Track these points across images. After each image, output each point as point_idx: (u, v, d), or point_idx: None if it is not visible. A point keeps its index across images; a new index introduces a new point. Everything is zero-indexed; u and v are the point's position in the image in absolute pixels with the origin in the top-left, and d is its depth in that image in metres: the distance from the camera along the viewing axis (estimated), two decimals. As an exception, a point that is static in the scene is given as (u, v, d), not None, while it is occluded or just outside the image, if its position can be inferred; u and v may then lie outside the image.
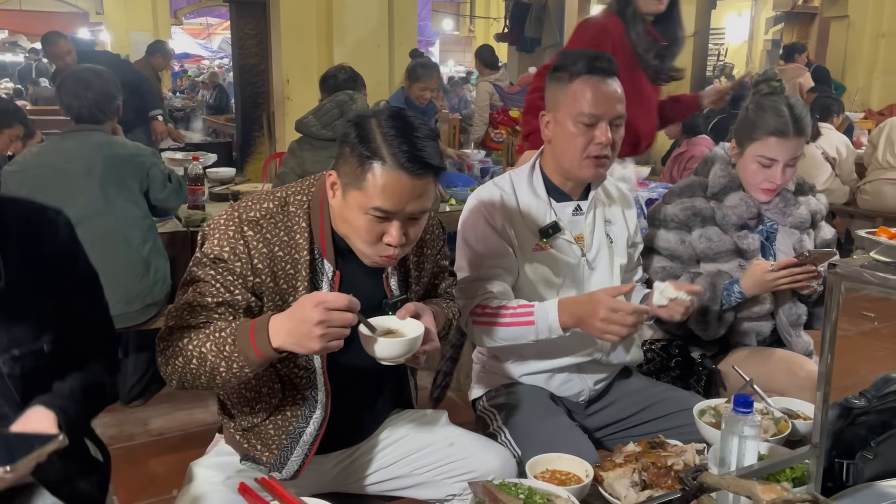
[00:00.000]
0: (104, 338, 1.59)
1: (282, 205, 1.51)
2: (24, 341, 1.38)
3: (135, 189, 3.11)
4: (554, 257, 1.91)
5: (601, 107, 1.83)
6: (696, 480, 1.20)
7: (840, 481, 1.43)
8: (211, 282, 1.45)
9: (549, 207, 1.92)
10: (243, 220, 1.47)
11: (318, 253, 1.52)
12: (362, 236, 1.45)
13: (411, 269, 1.66)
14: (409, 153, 1.38)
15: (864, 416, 1.47)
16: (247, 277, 1.46)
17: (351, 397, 1.62)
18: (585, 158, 1.85)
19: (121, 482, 2.75)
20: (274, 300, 1.50)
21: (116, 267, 2.96)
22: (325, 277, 1.52)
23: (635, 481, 1.45)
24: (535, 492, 1.38)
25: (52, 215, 1.47)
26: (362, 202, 1.41)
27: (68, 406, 1.36)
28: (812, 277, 2.01)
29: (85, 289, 1.52)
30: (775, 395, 1.85)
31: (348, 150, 1.42)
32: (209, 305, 1.44)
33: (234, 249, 1.45)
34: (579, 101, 1.83)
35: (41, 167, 3.00)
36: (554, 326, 1.76)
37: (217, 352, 1.37)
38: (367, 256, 1.49)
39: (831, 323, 1.27)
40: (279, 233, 1.48)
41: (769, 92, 2.14)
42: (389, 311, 1.54)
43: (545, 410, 1.87)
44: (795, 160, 2.10)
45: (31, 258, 1.41)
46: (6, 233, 1.38)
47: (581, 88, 1.84)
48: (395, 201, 1.40)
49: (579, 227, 1.95)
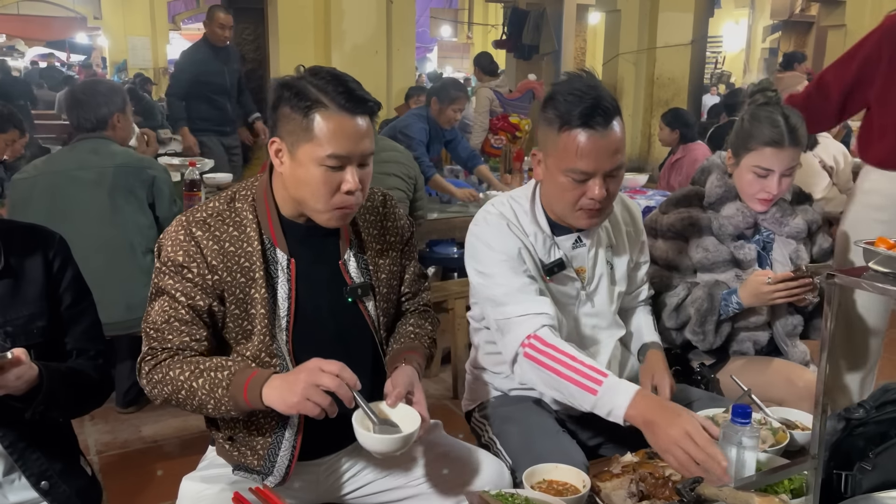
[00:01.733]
0: (94, 348, 1.67)
1: (228, 202, 1.55)
2: (17, 321, 1.53)
3: (142, 198, 3.15)
4: (555, 290, 1.83)
5: (595, 163, 1.65)
6: (694, 492, 1.19)
7: (838, 493, 1.42)
8: (173, 293, 1.48)
9: (553, 243, 1.81)
10: (191, 223, 1.50)
11: (270, 242, 1.54)
12: (319, 190, 1.46)
13: (367, 255, 1.65)
14: (346, 94, 1.43)
15: (863, 426, 1.45)
16: (205, 277, 1.48)
17: None
18: (578, 210, 1.73)
19: (115, 489, 2.74)
20: (236, 295, 1.51)
21: (121, 274, 3.01)
22: (279, 267, 1.54)
23: (632, 492, 1.44)
24: (532, 502, 1.38)
25: (49, 233, 1.64)
26: (315, 153, 1.44)
27: (52, 367, 1.48)
28: (808, 290, 2.01)
29: (75, 303, 1.64)
30: (773, 404, 1.85)
31: (287, 110, 1.45)
32: (181, 317, 1.47)
33: (186, 252, 1.48)
34: (570, 156, 1.66)
35: (52, 174, 3.05)
36: (617, 412, 1.53)
37: (208, 391, 1.41)
38: (324, 213, 1.50)
39: (829, 333, 1.27)
40: (228, 228, 1.51)
41: (764, 102, 2.13)
42: (350, 298, 1.58)
43: (532, 418, 1.84)
44: (791, 170, 2.10)
45: (29, 261, 1.58)
46: (9, 237, 1.57)
47: (573, 142, 1.65)
48: (346, 145, 1.44)
49: (580, 259, 1.85)
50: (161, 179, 3.21)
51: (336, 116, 1.43)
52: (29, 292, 1.57)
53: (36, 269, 1.58)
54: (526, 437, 1.77)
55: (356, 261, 1.63)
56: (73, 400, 1.58)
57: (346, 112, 1.44)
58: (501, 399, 1.95)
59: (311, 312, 1.56)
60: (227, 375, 1.41)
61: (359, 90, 1.46)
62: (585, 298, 1.87)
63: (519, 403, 1.90)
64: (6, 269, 1.55)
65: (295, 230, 1.56)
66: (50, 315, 1.59)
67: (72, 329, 1.64)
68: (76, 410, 1.66)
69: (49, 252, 1.61)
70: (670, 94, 8.21)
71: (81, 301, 1.66)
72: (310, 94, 1.44)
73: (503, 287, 1.73)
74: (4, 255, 1.55)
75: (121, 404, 3.42)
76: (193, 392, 1.42)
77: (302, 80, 1.47)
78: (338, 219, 1.52)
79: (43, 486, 1.54)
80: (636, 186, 4.68)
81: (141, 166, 3.17)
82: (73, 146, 3.15)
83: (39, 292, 1.58)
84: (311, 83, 1.45)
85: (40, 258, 1.59)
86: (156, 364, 1.46)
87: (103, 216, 3.04)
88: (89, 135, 3.12)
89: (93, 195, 3.04)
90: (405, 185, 3.57)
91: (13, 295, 1.55)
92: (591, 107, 1.63)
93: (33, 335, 1.55)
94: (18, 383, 1.38)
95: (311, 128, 1.43)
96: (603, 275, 1.88)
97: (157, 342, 1.47)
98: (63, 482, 1.57)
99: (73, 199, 3.01)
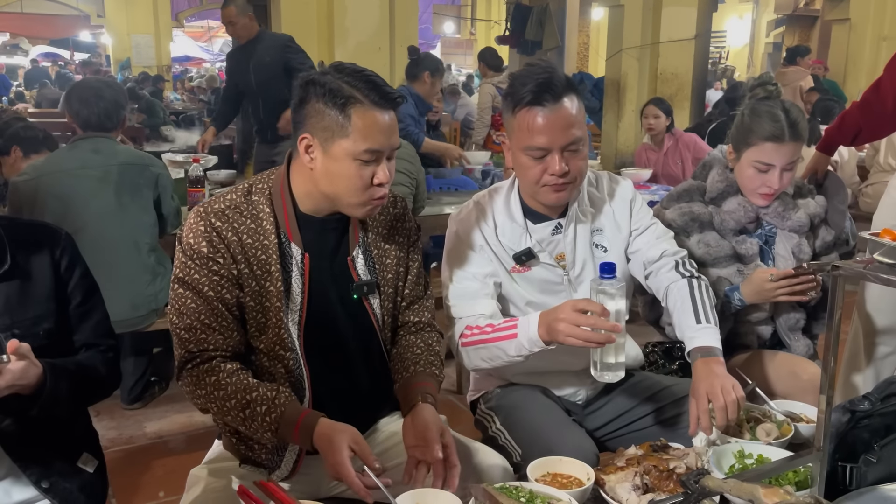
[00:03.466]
0: (104, 343, 1.66)
1: (245, 194, 1.56)
2: (24, 323, 1.51)
3: (148, 196, 3.16)
4: (533, 278, 1.85)
5: (548, 138, 1.69)
6: (699, 484, 1.19)
7: (843, 485, 1.42)
8: (201, 287, 1.49)
9: (524, 231, 1.84)
10: (209, 213, 1.51)
11: (285, 236, 1.55)
12: (355, 184, 1.49)
13: (374, 253, 1.66)
14: (377, 91, 1.47)
15: (868, 419, 1.45)
16: (230, 268, 1.50)
17: (334, 388, 1.61)
18: (542, 187, 1.76)
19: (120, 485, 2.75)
20: (252, 287, 1.51)
21: (126, 272, 3.03)
22: (294, 261, 1.55)
23: (637, 485, 1.44)
24: (537, 495, 1.38)
25: (54, 229, 1.63)
26: (351, 149, 1.46)
27: (57, 365, 1.46)
28: (810, 287, 2.00)
29: (85, 300, 1.63)
30: (778, 398, 1.84)
31: (321, 106, 1.46)
32: (214, 315, 1.49)
33: (210, 242, 1.49)
34: (525, 134, 1.71)
35: (55, 174, 3.04)
36: (534, 338, 1.63)
37: (255, 429, 1.45)
38: (359, 207, 1.53)
39: (834, 325, 1.27)
40: (245, 220, 1.52)
41: (765, 96, 2.12)
42: (356, 294, 1.60)
43: (542, 408, 1.85)
44: (793, 164, 2.09)
45: (36, 260, 1.56)
46: (15, 234, 1.55)
47: (525, 120, 1.71)
48: (380, 139, 1.48)
49: (559, 246, 1.86)
50: (164, 176, 3.23)
51: (370, 112, 1.46)
52: (36, 293, 1.55)
53: (43, 268, 1.56)
54: (536, 429, 1.77)
55: (364, 258, 1.64)
56: (78, 397, 1.57)
57: (379, 108, 1.47)
58: (507, 389, 1.95)
59: (322, 307, 1.57)
60: (275, 419, 1.43)
61: (385, 85, 1.49)
62: (573, 284, 1.86)
63: (525, 394, 1.90)
64: (12, 269, 1.52)
65: (309, 225, 1.57)
66: (57, 316, 1.57)
67: (82, 326, 1.62)
68: (81, 406, 1.66)
69: (56, 250, 1.59)
70: (674, 89, 8.17)
71: (90, 298, 1.65)
72: (343, 90, 1.45)
73: (454, 289, 1.82)
74: (11, 253, 1.53)
75: (126, 401, 3.43)
76: (234, 416, 1.46)
77: (328, 75, 1.48)
78: (371, 210, 1.56)
79: (44, 485, 1.53)
80: (640, 181, 4.66)
81: (144, 164, 3.18)
82: (74, 145, 3.13)
83: (47, 293, 1.56)
84: (341, 80, 1.47)
85: (47, 257, 1.57)
86: (198, 375, 1.48)
87: (109, 215, 3.04)
88: (93, 133, 3.11)
89: (98, 194, 3.03)
90: (408, 181, 3.59)
91: (20, 296, 1.53)
92: (540, 84, 1.69)
93: (39, 337, 1.52)
94: (23, 382, 1.36)
95: (347, 124, 1.45)
96: (588, 259, 1.87)
97: (193, 345, 1.49)
98: (64, 480, 1.56)
99: (79, 199, 3.00)
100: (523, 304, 1.86)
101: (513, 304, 1.87)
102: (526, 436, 1.77)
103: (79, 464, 1.63)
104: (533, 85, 1.69)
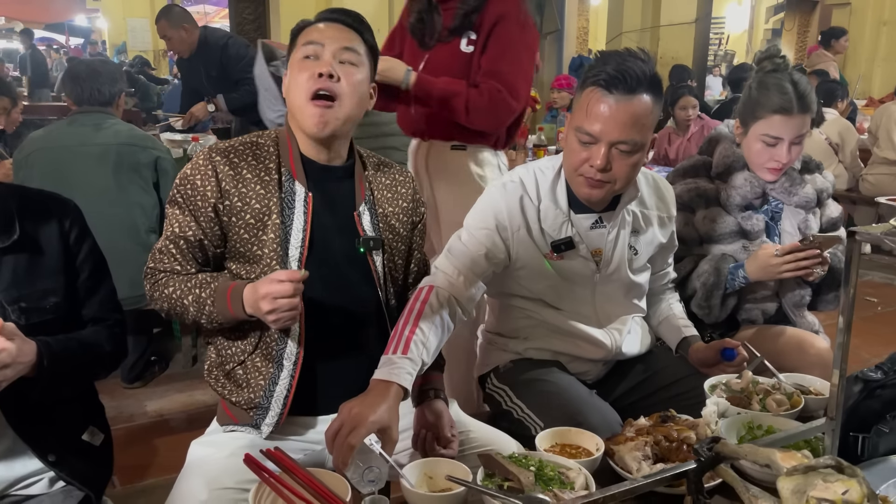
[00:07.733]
0: (112, 317, 1.64)
1: (252, 139, 1.62)
2: (32, 296, 1.48)
3: (147, 178, 3.13)
4: (565, 267, 1.80)
5: (602, 127, 1.61)
6: (712, 451, 1.17)
7: (855, 455, 1.41)
8: (172, 220, 1.56)
9: (567, 220, 1.78)
10: (213, 150, 1.57)
11: (289, 174, 1.57)
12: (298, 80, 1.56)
13: (380, 212, 1.66)
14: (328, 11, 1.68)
15: (881, 389, 1.45)
16: (216, 202, 1.52)
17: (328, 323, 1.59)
18: (578, 176, 1.69)
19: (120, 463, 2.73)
20: (245, 220, 1.52)
21: (124, 251, 2.97)
22: (297, 198, 1.56)
23: (647, 455, 1.42)
24: (546, 464, 1.36)
25: (64, 200, 1.59)
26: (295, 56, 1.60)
27: (54, 343, 1.42)
28: (817, 264, 1.98)
29: (93, 274, 1.61)
30: (785, 372, 1.83)
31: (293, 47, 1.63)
32: (175, 245, 1.56)
33: (203, 174, 1.53)
34: (582, 114, 1.65)
35: (54, 149, 3.01)
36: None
37: (198, 308, 1.51)
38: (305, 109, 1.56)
39: (849, 292, 1.25)
40: (247, 156, 1.57)
41: (772, 69, 2.10)
42: (362, 248, 1.60)
43: (559, 380, 1.81)
44: (801, 138, 2.06)
45: (44, 231, 1.53)
46: (25, 205, 1.52)
47: (588, 100, 1.64)
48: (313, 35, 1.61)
49: (598, 241, 1.80)
50: (165, 160, 3.20)
51: (312, 26, 1.60)
52: (45, 265, 1.50)
53: (52, 240, 1.52)
54: (562, 402, 1.72)
55: (370, 215, 1.64)
56: (81, 374, 1.55)
57: (320, 21, 1.62)
58: (519, 363, 1.90)
59: (324, 251, 1.57)
60: (209, 293, 1.50)
61: (342, 10, 1.64)
62: (601, 280, 1.83)
63: (540, 367, 1.86)
64: (21, 240, 1.47)
65: (313, 168, 1.59)
66: (66, 290, 1.53)
67: (90, 300, 1.59)
68: (84, 382, 1.64)
69: (65, 221, 1.55)
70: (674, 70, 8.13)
71: (99, 271, 1.62)
72: (301, 23, 1.63)
73: (456, 246, 1.76)
74: (19, 223, 1.48)
75: (126, 380, 3.42)
76: (185, 308, 1.53)
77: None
78: (319, 118, 1.52)
79: (50, 458, 1.51)
80: (643, 163, 4.66)
81: (144, 145, 3.14)
82: (73, 119, 3.10)
83: (56, 266, 1.52)
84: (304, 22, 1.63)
85: (56, 228, 1.53)
86: (154, 283, 1.58)
87: (107, 194, 3.01)
88: (89, 108, 3.08)
89: (96, 172, 3.01)
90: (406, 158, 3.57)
91: (29, 268, 1.48)
92: (620, 70, 1.60)
93: (46, 311, 1.49)
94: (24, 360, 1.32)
95: (296, 40, 1.59)
96: (623, 259, 1.83)
97: (154, 262, 1.59)
98: (70, 453, 1.54)
99: (76, 176, 2.97)
100: (549, 291, 1.84)
101: (541, 289, 1.84)
102: (549, 409, 1.71)
103: (84, 437, 1.60)
104: (612, 68, 1.60)
